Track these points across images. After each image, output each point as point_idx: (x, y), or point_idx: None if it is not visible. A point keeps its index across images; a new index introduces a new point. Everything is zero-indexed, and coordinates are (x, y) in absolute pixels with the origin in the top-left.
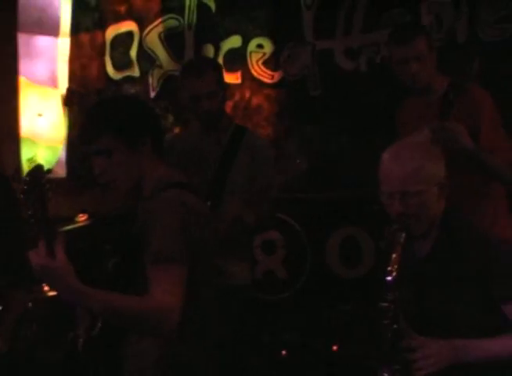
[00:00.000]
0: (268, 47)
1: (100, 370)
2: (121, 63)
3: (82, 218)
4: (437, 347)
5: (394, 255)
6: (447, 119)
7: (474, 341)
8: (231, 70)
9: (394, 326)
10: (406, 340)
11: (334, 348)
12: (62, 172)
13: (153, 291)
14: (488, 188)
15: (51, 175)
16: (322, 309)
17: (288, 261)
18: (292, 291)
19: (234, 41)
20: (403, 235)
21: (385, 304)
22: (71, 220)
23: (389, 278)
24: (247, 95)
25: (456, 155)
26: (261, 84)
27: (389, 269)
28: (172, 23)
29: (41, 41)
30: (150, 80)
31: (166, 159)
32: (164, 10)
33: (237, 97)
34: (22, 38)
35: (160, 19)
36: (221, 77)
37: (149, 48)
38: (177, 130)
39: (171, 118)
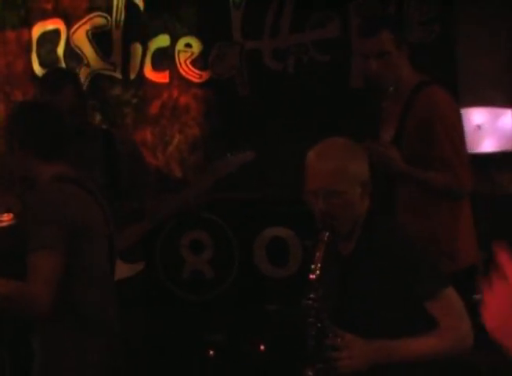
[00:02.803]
0: (197, 46)
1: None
2: (48, 61)
3: (7, 217)
4: (360, 346)
5: (317, 254)
6: (405, 119)
7: (397, 341)
8: (159, 69)
9: (319, 324)
10: (330, 338)
11: (261, 348)
12: None
13: (27, 279)
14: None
15: None
16: (250, 308)
17: (215, 261)
18: (219, 290)
19: (162, 41)
20: (327, 234)
21: (309, 302)
22: None
23: (312, 276)
24: (175, 94)
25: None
26: (189, 83)
27: (312, 267)
28: (100, 21)
29: None
30: None
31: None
32: (92, 8)
33: (165, 97)
34: None
35: (87, 17)
36: (80, 90)
37: (77, 47)
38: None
39: (98, 117)
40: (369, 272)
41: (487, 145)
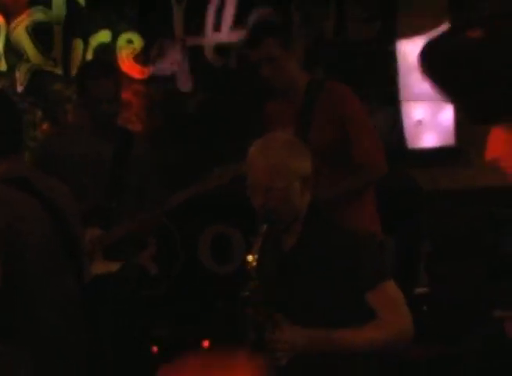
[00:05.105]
0: (138, 42)
1: None
2: None
3: None
4: (292, 334)
5: (254, 246)
6: (308, 116)
7: (335, 331)
8: None
9: (260, 318)
10: (268, 332)
11: (205, 344)
12: None
13: None
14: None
15: None
16: (194, 305)
17: (159, 257)
18: (163, 287)
19: (103, 36)
20: (264, 227)
21: (246, 293)
22: None
23: (248, 267)
24: None
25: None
26: (131, 79)
27: (249, 258)
28: (40, 16)
29: None
30: (17, 74)
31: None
32: (32, 3)
33: None
34: None
35: (27, 12)
36: (119, 81)
37: (17, 42)
38: (45, 126)
39: (39, 114)
40: (310, 267)
41: (427, 140)
